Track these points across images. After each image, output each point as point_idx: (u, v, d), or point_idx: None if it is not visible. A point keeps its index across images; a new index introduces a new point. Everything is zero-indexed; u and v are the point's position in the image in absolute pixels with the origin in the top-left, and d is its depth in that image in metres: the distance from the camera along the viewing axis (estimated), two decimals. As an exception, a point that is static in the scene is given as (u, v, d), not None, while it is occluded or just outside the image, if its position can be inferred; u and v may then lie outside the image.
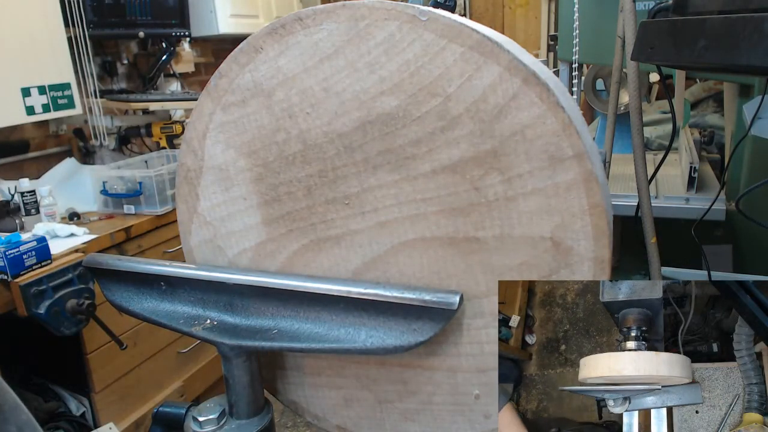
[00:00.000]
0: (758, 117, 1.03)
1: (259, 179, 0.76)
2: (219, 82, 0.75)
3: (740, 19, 0.61)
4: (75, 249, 1.71)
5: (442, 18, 0.64)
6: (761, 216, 1.17)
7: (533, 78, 0.62)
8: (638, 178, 1.24)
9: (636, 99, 1.23)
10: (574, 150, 0.62)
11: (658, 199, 1.71)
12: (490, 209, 0.67)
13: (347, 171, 0.71)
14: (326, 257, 0.76)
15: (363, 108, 0.69)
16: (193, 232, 0.83)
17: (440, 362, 0.75)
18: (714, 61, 0.66)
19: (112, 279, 0.83)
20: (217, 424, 0.77)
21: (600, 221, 0.64)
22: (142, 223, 2.03)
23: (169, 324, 0.79)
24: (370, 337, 0.70)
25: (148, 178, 2.08)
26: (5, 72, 1.79)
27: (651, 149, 2.32)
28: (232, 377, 0.76)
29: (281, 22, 0.70)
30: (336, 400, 0.84)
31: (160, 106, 2.55)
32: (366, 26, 0.66)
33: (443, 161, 0.67)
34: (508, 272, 0.69)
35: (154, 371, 2.10)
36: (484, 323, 0.71)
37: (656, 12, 0.84)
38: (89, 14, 2.26)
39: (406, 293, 0.68)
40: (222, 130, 0.76)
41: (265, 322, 0.76)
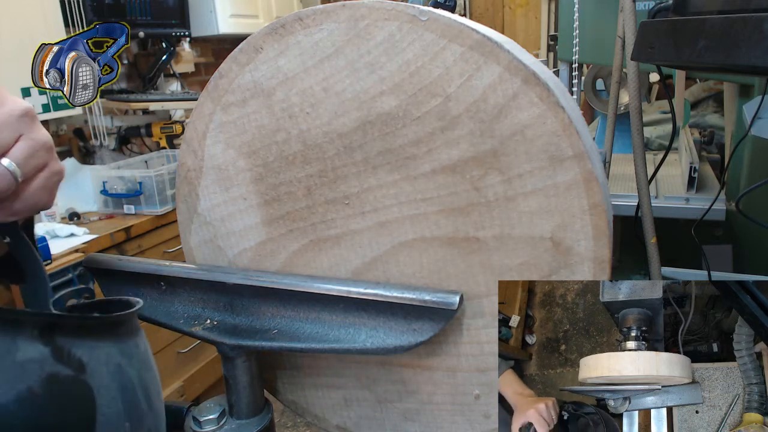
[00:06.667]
0: (758, 117, 1.03)
1: (259, 179, 0.76)
2: (219, 82, 0.75)
3: (740, 19, 0.61)
4: (75, 249, 1.71)
5: (442, 18, 0.64)
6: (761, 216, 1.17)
7: (533, 78, 0.62)
8: (638, 178, 1.24)
9: (636, 99, 1.23)
10: (574, 150, 0.62)
11: (658, 199, 1.71)
12: (490, 209, 0.67)
13: (347, 171, 0.71)
14: (326, 257, 0.76)
15: (363, 108, 0.69)
16: (193, 232, 0.83)
17: (440, 362, 0.75)
18: (714, 61, 0.66)
19: (112, 279, 0.83)
20: (217, 424, 0.77)
21: (600, 221, 0.64)
22: (142, 223, 2.03)
23: (169, 324, 0.79)
24: (370, 337, 0.70)
25: (148, 178, 2.08)
26: (5, 72, 1.79)
27: (651, 149, 2.32)
28: (232, 377, 0.76)
29: (281, 22, 0.70)
30: (336, 400, 0.84)
31: (160, 106, 2.56)
32: (366, 26, 0.66)
33: (443, 161, 0.67)
34: (508, 272, 0.69)
35: (154, 371, 2.09)
36: (484, 323, 0.71)
37: (656, 12, 0.84)
38: (89, 14, 2.26)
39: (406, 293, 0.68)
40: (222, 130, 0.76)
41: (265, 322, 0.76)
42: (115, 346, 0.48)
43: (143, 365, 0.51)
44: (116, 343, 0.48)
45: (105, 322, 0.48)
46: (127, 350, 0.49)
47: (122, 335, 0.49)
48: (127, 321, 0.50)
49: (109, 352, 0.47)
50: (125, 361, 0.48)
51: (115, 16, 2.42)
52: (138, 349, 0.51)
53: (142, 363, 0.51)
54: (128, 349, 0.49)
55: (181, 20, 2.79)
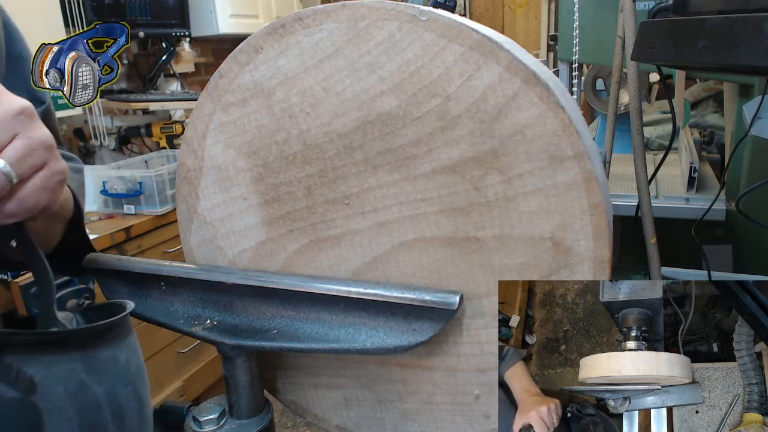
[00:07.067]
0: (758, 117, 1.03)
1: (259, 179, 0.76)
2: (219, 82, 0.75)
3: (740, 19, 0.61)
4: (75, 249, 1.71)
5: (442, 18, 0.64)
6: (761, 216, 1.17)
7: (533, 78, 0.62)
8: (638, 178, 1.24)
9: (636, 99, 1.23)
10: (574, 150, 0.62)
11: (658, 199, 1.71)
12: (490, 209, 0.67)
13: (347, 171, 0.71)
14: (326, 257, 0.76)
15: (363, 108, 0.69)
16: (193, 232, 0.83)
17: (440, 362, 0.75)
18: (714, 61, 0.66)
19: (112, 279, 0.83)
20: (217, 424, 0.77)
21: (600, 221, 0.64)
22: (142, 223, 2.03)
23: (169, 324, 0.79)
24: (370, 337, 0.70)
25: (148, 178, 2.08)
26: (5, 72, 1.78)
27: (651, 149, 2.32)
28: (232, 377, 0.76)
29: (281, 22, 0.70)
30: (336, 400, 0.84)
31: (160, 106, 2.56)
32: (366, 26, 0.66)
33: (443, 161, 0.67)
34: (508, 272, 0.69)
35: (154, 371, 2.09)
36: (484, 323, 0.71)
37: (656, 12, 0.84)
38: (89, 14, 2.26)
39: (406, 293, 0.68)
40: (222, 130, 0.76)
41: (265, 322, 0.76)
42: (81, 360, 0.44)
43: (119, 380, 0.47)
44: (83, 357, 0.44)
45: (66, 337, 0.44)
46: (96, 365, 0.45)
47: (94, 347, 0.45)
48: (101, 332, 0.46)
49: (72, 368, 0.43)
50: (92, 378, 0.44)
51: (115, 16, 2.42)
52: (116, 363, 0.47)
53: (119, 377, 0.47)
54: (99, 364, 0.45)
55: (181, 20, 2.79)
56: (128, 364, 0.48)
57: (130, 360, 0.49)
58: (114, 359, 0.47)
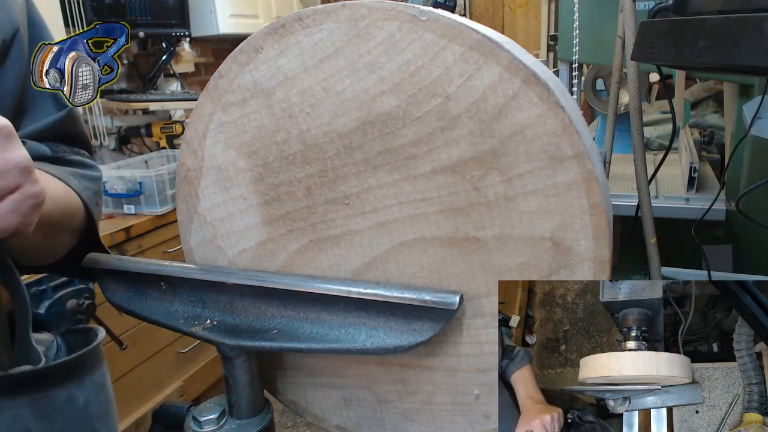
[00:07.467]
0: (758, 117, 1.03)
1: (259, 179, 0.76)
2: (219, 82, 0.75)
3: (740, 19, 0.61)
4: (75, 249, 1.71)
5: (442, 18, 0.64)
6: (761, 216, 1.18)
7: (533, 78, 0.62)
8: (638, 178, 1.24)
9: (636, 99, 1.23)
10: (574, 150, 0.62)
11: (658, 199, 1.71)
12: (490, 209, 0.67)
13: (347, 171, 0.71)
14: (326, 257, 0.76)
15: (363, 108, 0.69)
16: (193, 232, 0.83)
17: (440, 362, 0.75)
18: (714, 61, 0.66)
19: (112, 279, 0.83)
20: (217, 424, 0.77)
21: (600, 221, 0.64)
22: (142, 223, 2.03)
23: (169, 324, 0.79)
24: (370, 337, 0.70)
25: (148, 178, 2.08)
26: (5, 72, 1.78)
27: (651, 149, 2.32)
28: (232, 377, 0.76)
29: (281, 22, 0.70)
30: (336, 400, 0.84)
31: (160, 106, 2.56)
32: (366, 26, 0.66)
33: (443, 161, 0.67)
34: (508, 272, 0.69)
35: (154, 371, 2.09)
36: (484, 323, 0.71)
37: (656, 12, 0.84)
38: (89, 14, 2.26)
39: (406, 293, 0.68)
40: (222, 130, 0.76)
41: (265, 322, 0.76)
42: (28, 405, 0.39)
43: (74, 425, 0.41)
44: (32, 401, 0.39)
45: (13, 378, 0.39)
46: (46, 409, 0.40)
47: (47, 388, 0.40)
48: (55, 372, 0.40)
49: (18, 414, 0.38)
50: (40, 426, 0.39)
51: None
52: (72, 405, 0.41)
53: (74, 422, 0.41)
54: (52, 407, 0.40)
55: (181, 20, 2.79)
56: (88, 405, 0.43)
57: (90, 400, 0.43)
58: (70, 401, 0.41)
